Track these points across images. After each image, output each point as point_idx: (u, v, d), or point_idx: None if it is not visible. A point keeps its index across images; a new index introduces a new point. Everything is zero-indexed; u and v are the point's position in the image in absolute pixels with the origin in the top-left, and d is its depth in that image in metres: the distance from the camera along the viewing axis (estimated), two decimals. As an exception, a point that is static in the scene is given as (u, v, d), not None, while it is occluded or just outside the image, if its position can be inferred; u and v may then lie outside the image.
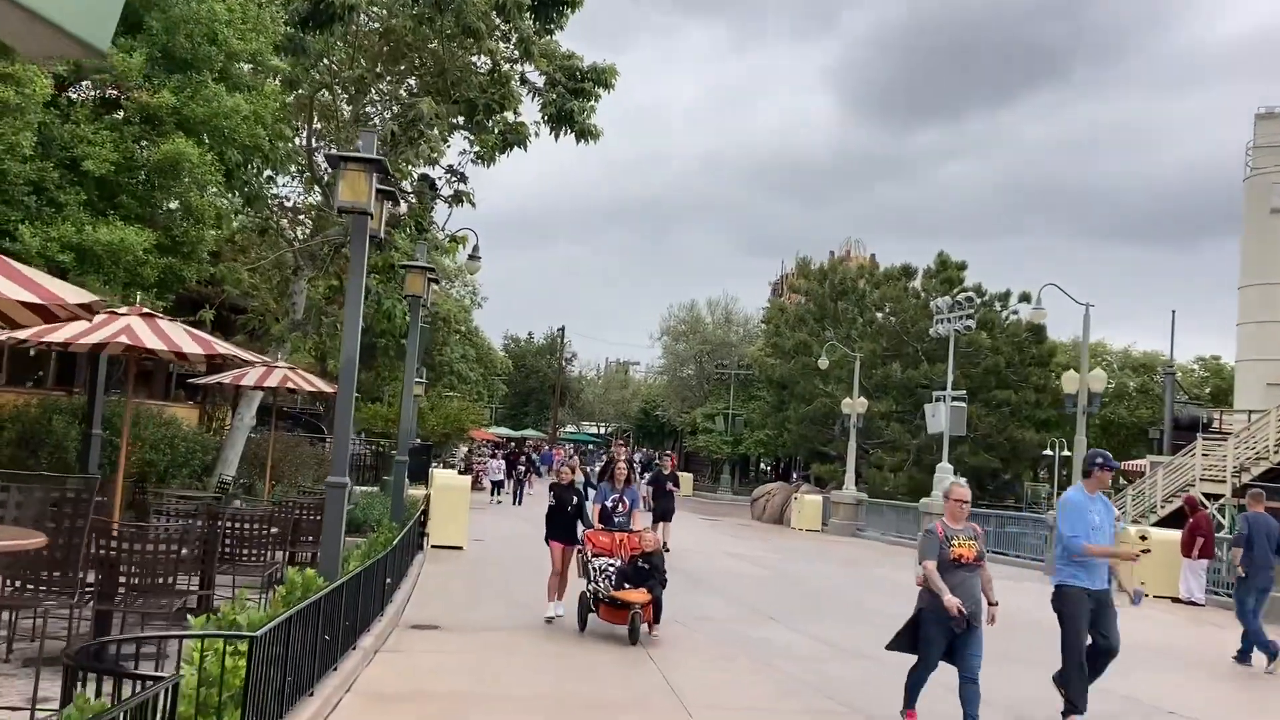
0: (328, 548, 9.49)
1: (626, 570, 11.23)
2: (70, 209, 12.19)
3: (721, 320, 62.91)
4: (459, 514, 18.46)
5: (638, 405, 78.68)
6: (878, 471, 38.04)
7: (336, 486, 9.52)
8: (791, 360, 42.22)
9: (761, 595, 15.71)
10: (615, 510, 12.10)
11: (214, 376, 14.88)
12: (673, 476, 20.27)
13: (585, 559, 11.50)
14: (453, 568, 16.29)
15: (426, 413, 34.18)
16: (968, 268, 41.97)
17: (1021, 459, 41.96)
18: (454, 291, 45.40)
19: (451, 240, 18.76)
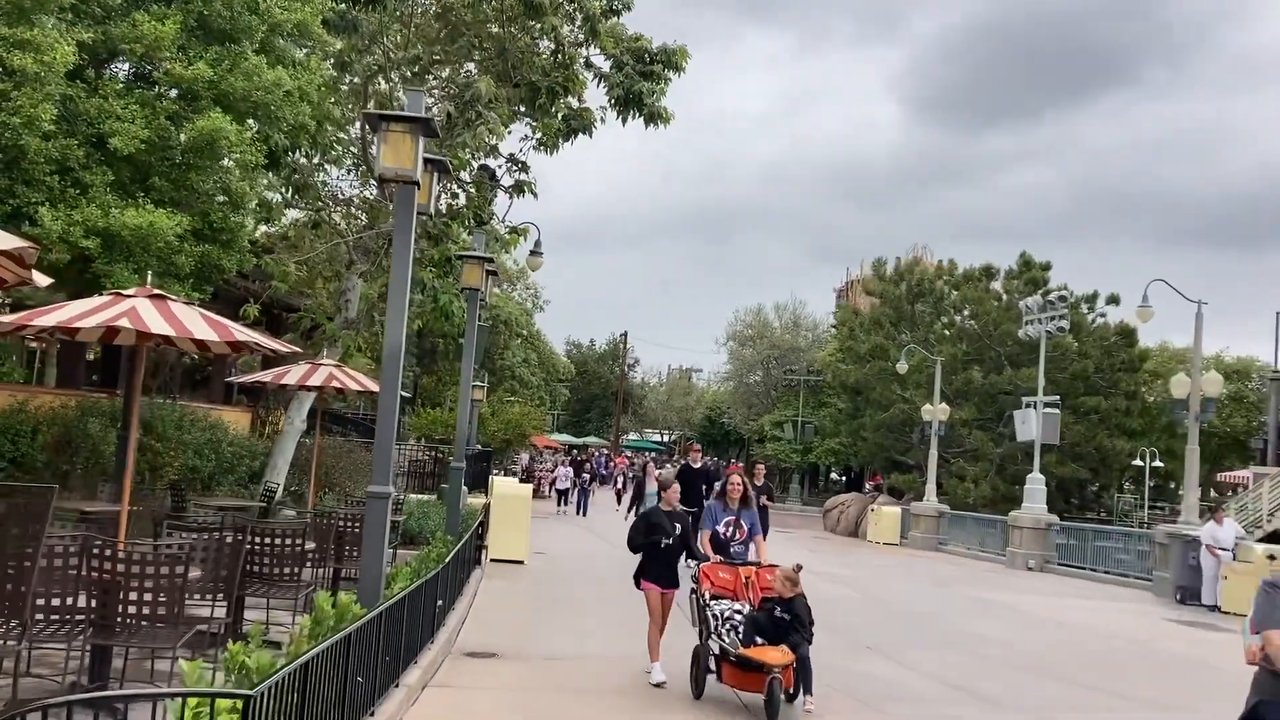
0: (368, 568, 8.22)
1: (759, 619, 8.43)
2: (96, 191, 11.12)
3: (790, 325, 61.17)
4: (520, 525, 17.20)
5: (702, 412, 77.14)
6: (959, 482, 36.13)
7: (378, 497, 8.26)
8: (866, 365, 40.42)
9: (854, 620, 14.19)
10: (731, 538, 9.58)
11: (252, 375, 13.80)
12: (767, 489, 17.93)
13: (700, 602, 8.86)
14: (513, 585, 15.02)
15: (487, 418, 33.04)
16: (1052, 268, 39.89)
17: (1111, 469, 39.72)
18: (515, 295, 44.41)
19: (513, 232, 17.51)
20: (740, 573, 8.96)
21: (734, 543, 9.58)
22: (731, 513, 9.74)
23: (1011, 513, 28.31)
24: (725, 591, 8.85)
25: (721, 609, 8.67)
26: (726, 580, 8.92)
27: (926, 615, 15.81)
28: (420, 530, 16.26)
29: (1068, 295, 27.31)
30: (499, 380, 38.48)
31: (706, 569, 8.95)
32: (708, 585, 8.86)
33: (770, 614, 8.40)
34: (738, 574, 8.95)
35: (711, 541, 9.50)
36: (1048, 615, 16.95)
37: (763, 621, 8.39)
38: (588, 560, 19.05)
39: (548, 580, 15.79)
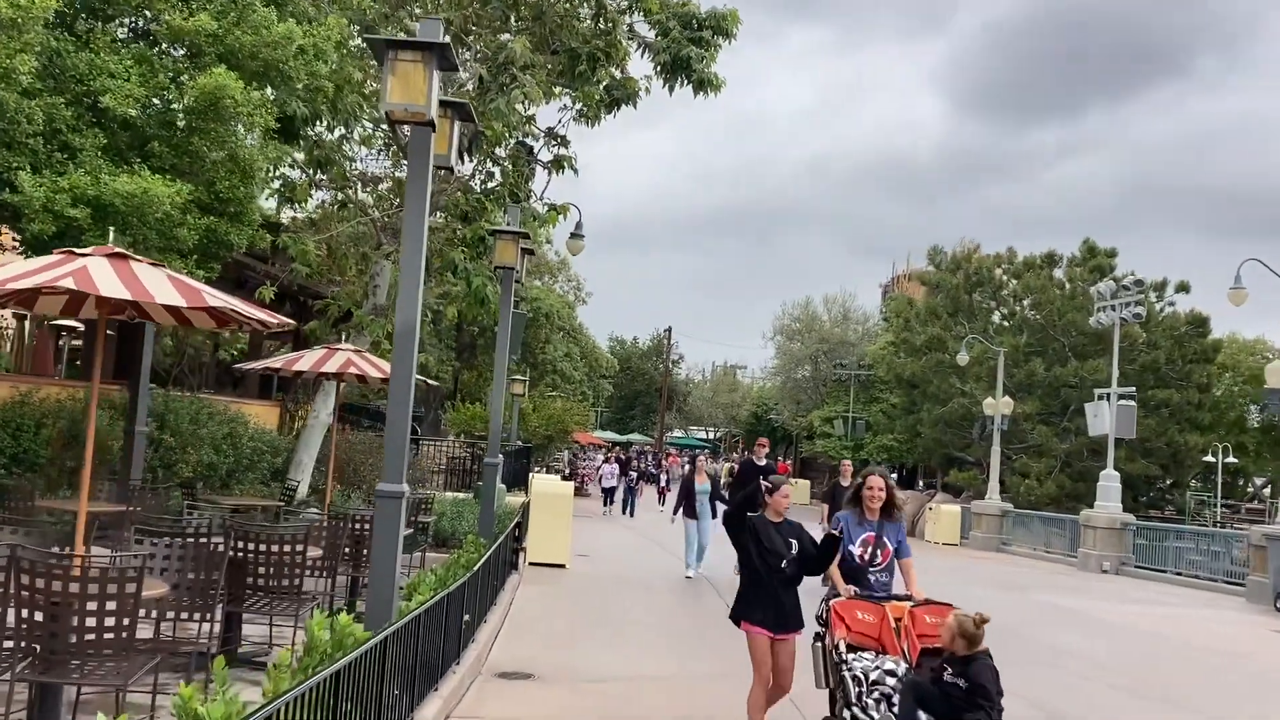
0: (377, 582, 6.97)
1: (923, 687, 5.88)
2: (87, 155, 9.98)
3: (839, 318, 59.38)
4: (561, 526, 15.94)
5: (748, 409, 75.58)
6: (1022, 479, 34.37)
7: (390, 497, 7.01)
8: (923, 357, 38.72)
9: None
10: (871, 562, 6.88)
11: (263, 362, 12.64)
12: None
13: (834, 657, 6.32)
14: (553, 592, 13.75)
15: (528, 413, 31.87)
16: (1118, 255, 37.97)
17: (1183, 465, 37.70)
18: (558, 287, 43.27)
19: (552, 209, 16.22)
20: (888, 612, 6.42)
21: (874, 569, 6.89)
22: (870, 526, 6.98)
23: (1084, 512, 26.63)
24: (867, 640, 6.36)
25: (864, 667, 6.12)
26: (868, 624, 6.40)
27: (1002, 626, 14.14)
28: (453, 532, 15.07)
29: (1143, 280, 25.56)
30: (540, 375, 37.29)
31: (840, 607, 6.45)
32: (842, 631, 6.35)
33: (938, 679, 5.84)
34: (884, 615, 6.41)
35: (842, 567, 6.89)
36: (1135, 624, 15.40)
37: (928, 690, 5.84)
38: (635, 564, 17.75)
39: (591, 587, 14.51)
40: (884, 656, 6.20)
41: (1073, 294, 36.63)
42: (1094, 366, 34.32)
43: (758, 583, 6.82)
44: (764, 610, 6.77)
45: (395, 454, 7.14)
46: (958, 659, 5.79)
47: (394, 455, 7.14)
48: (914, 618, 6.37)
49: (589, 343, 43.81)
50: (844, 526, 6.85)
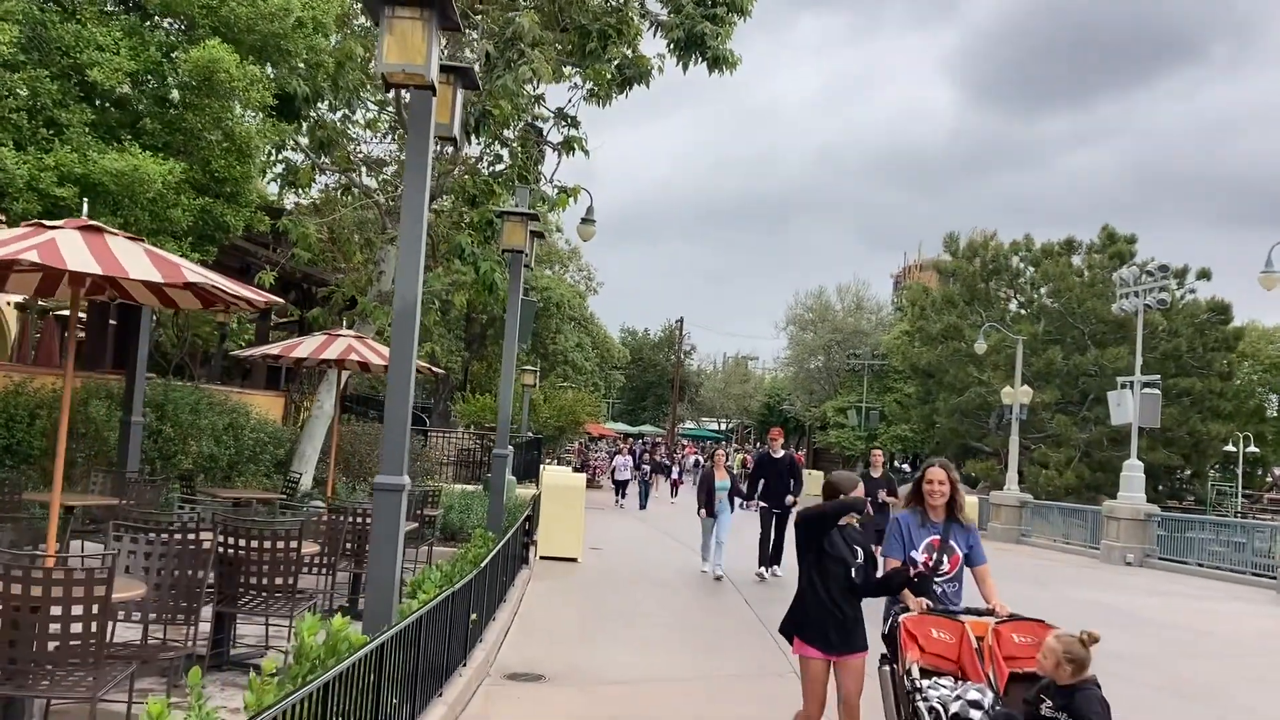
0: (376, 583, 6.49)
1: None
2: (74, 131, 9.50)
3: (852, 307, 58.76)
4: (573, 519, 15.46)
5: (760, 399, 75.03)
6: (1040, 469, 33.79)
7: (388, 490, 6.53)
8: (939, 346, 38.14)
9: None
10: (937, 569, 5.84)
11: (262, 349, 12.16)
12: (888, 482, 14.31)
13: (906, 684, 5.25)
14: (565, 587, 13.27)
15: (539, 404, 31.38)
16: (1138, 241, 37.32)
17: (1204, 455, 37.04)
18: (568, 277, 42.75)
19: (562, 192, 15.70)
20: (968, 630, 5.33)
21: (942, 578, 5.83)
22: (934, 529, 5.88)
23: (1107, 502, 26.03)
24: (945, 664, 5.29)
25: (942, 696, 5.01)
26: (945, 644, 5.31)
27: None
28: (462, 525, 14.61)
29: (1167, 266, 24.94)
30: (551, 366, 36.80)
31: (911, 624, 5.34)
32: (915, 653, 5.28)
33: (1034, 713, 4.84)
34: (963, 633, 5.32)
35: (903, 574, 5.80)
36: (1179, 621, 14.84)
37: None
38: (649, 558, 17.27)
39: (604, 582, 14.03)
40: (965, 684, 5.13)
41: (1092, 281, 36.02)
42: (1114, 354, 33.74)
43: (814, 593, 5.70)
44: (820, 626, 5.63)
45: (395, 444, 6.66)
46: (1060, 688, 4.81)
47: (393, 445, 6.66)
48: (1000, 636, 5.31)
49: (600, 333, 43.27)
50: (903, 529, 5.91)
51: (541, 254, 40.47)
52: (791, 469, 15.05)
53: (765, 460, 15.21)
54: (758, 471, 15.27)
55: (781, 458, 15.10)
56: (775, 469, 14.86)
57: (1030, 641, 5.25)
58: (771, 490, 14.74)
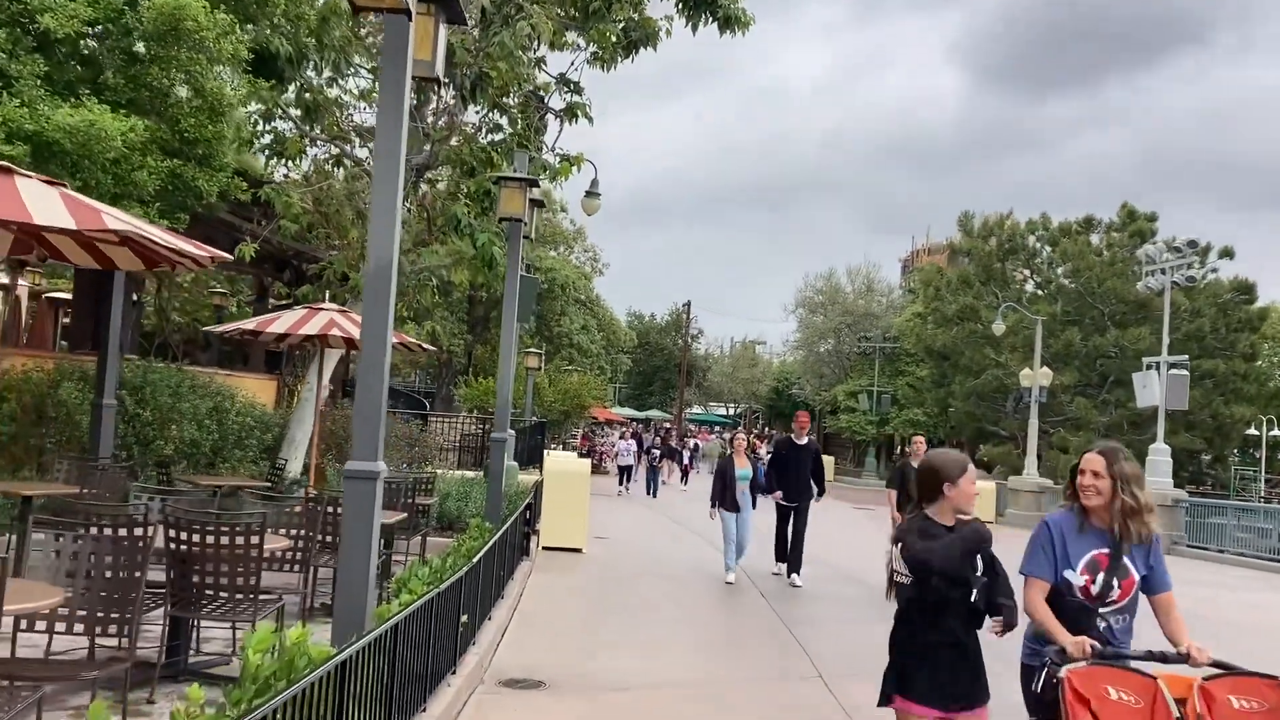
0: (347, 584, 5.65)
1: None
2: (24, 84, 8.63)
3: (863, 289, 57.71)
4: (578, 507, 14.63)
5: (769, 384, 74.10)
6: (1059, 454, 32.85)
7: (360, 477, 5.69)
8: (954, 327, 37.16)
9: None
10: (1103, 598, 4.19)
11: (237, 324, 11.31)
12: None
13: None
14: (568, 581, 12.43)
15: (543, 387, 30.53)
16: (1159, 219, 36.29)
17: (1228, 438, 36.06)
18: (574, 258, 41.86)
19: (565, 160, 14.79)
20: (1161, 689, 3.71)
21: (1107, 608, 4.21)
22: (1098, 539, 4.24)
23: (1132, 488, 25.10)
24: None
25: None
26: (1131, 710, 3.68)
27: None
28: (460, 514, 13.77)
29: (1196, 241, 23.98)
30: (556, 348, 35.97)
31: (1079, 681, 3.74)
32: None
33: None
34: (1156, 693, 3.71)
35: (1054, 605, 4.21)
36: (1235, 618, 13.95)
37: None
38: (658, 549, 16.42)
39: (610, 575, 13.19)
40: None
41: (1112, 260, 35.03)
42: (1135, 335, 32.78)
43: (916, 629, 4.27)
44: (929, 674, 4.19)
45: (368, 424, 5.80)
46: None
47: (367, 425, 5.81)
48: (1210, 698, 3.69)
49: (606, 315, 42.34)
50: (1054, 536, 4.29)
51: (546, 234, 39.56)
52: (815, 461, 13.44)
53: (787, 447, 13.56)
54: (778, 460, 13.56)
55: (805, 446, 13.46)
56: (797, 458, 13.26)
57: (1257, 707, 3.69)
58: (790, 482, 13.11)
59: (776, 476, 13.23)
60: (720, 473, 13.04)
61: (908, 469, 10.97)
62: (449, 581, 6.91)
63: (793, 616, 10.74)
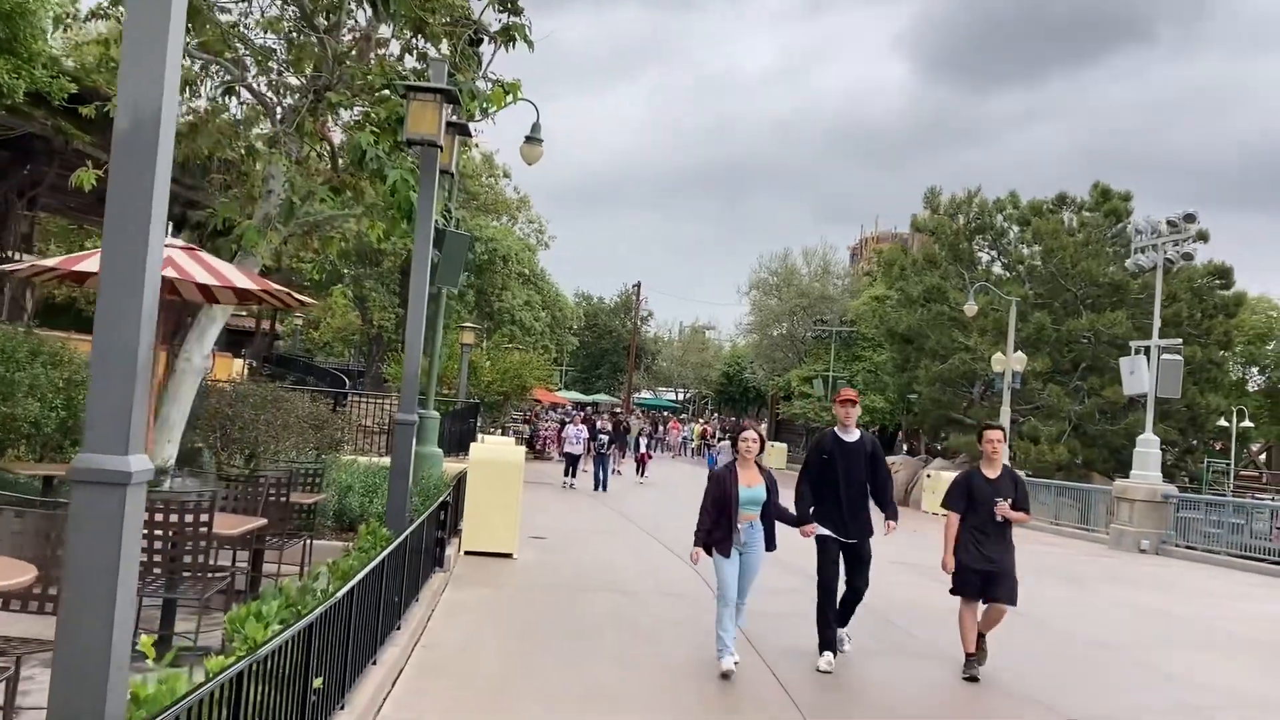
0: (67, 677, 3.26)
1: None
2: None
3: (819, 271, 55.76)
4: (508, 503, 12.24)
5: (719, 369, 72.08)
6: (1031, 444, 31.06)
7: (93, 482, 3.30)
8: (920, 309, 35.20)
9: (1009, 653, 9.16)
10: None
11: (31, 263, 8.78)
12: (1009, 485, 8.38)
13: None
14: (492, 598, 10.02)
15: (480, 366, 27.97)
16: (1133, 199, 34.62)
17: (1202, 429, 34.55)
18: (517, 229, 39.21)
19: (499, 87, 12.29)
20: None
21: None
22: None
23: (1119, 482, 23.30)
24: None
25: None
26: None
27: (1104, 644, 10.59)
28: (364, 512, 11.32)
29: (1194, 214, 22.09)
30: (496, 324, 33.45)
31: None
32: None
33: None
34: None
35: None
36: (1256, 635, 11.96)
37: None
38: (607, 554, 14.06)
39: (545, 586, 10.83)
40: None
41: (1086, 240, 33.24)
42: (1112, 319, 31.06)
43: None
44: None
45: (110, 396, 3.39)
46: None
47: (108, 398, 3.40)
48: None
49: (551, 291, 39.77)
50: None
51: (487, 203, 36.95)
52: (875, 465, 8.34)
53: (829, 447, 8.29)
54: (816, 469, 8.32)
55: (857, 443, 8.26)
56: (847, 465, 8.18)
57: None
58: (837, 504, 8.15)
59: (814, 495, 8.23)
60: (716, 495, 7.65)
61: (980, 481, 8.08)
62: (290, 630, 4.56)
63: (777, 648, 8.46)
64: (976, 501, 8.04)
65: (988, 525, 8.02)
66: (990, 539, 8.00)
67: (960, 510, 8.11)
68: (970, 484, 8.18)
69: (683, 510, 21.44)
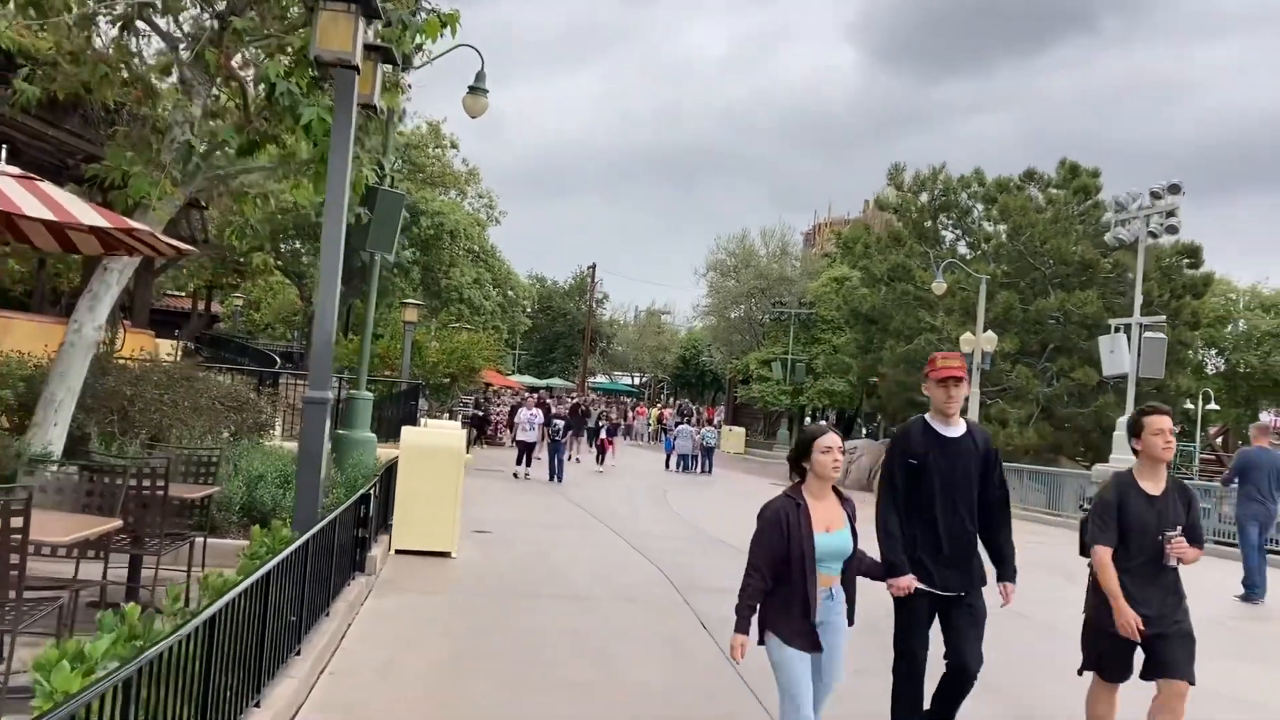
0: None
1: None
2: None
3: (777, 253, 54.54)
4: (445, 495, 10.75)
5: (676, 352, 70.78)
6: (1000, 427, 30.02)
7: None
8: (884, 288, 34.05)
9: (1013, 664, 7.86)
10: None
11: None
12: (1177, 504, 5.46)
13: None
14: (422, 607, 8.52)
15: (424, 345, 26.28)
16: (1101, 175, 33.70)
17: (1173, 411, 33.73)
18: (466, 204, 37.47)
19: (434, 16, 10.71)
20: None
21: None
22: None
23: (1098, 467, 22.30)
24: None
25: None
26: None
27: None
28: (276, 507, 9.79)
29: (1179, 185, 21.02)
30: (443, 303, 31.79)
31: None
32: None
33: None
34: None
35: None
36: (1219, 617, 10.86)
37: None
38: (557, 552, 12.59)
39: (485, 591, 9.38)
40: None
41: (1055, 217, 32.24)
42: (1081, 298, 30.11)
43: None
44: None
45: None
46: None
47: None
48: None
49: (502, 269, 38.04)
50: None
51: (434, 175, 35.19)
52: (987, 473, 5.43)
53: (921, 449, 5.36)
54: (906, 482, 5.36)
55: (964, 439, 5.41)
56: (951, 473, 5.33)
57: None
58: (936, 534, 5.29)
59: (905, 523, 5.33)
60: (780, 547, 4.52)
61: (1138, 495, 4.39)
62: (102, 686, 3.12)
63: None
64: (1133, 530, 5.12)
65: (1148, 566, 5.12)
66: (1151, 584, 5.12)
67: (1113, 545, 5.13)
68: (1125, 503, 5.19)
69: (642, 500, 20.15)
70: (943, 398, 5.32)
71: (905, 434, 5.48)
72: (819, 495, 4.59)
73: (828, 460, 4.54)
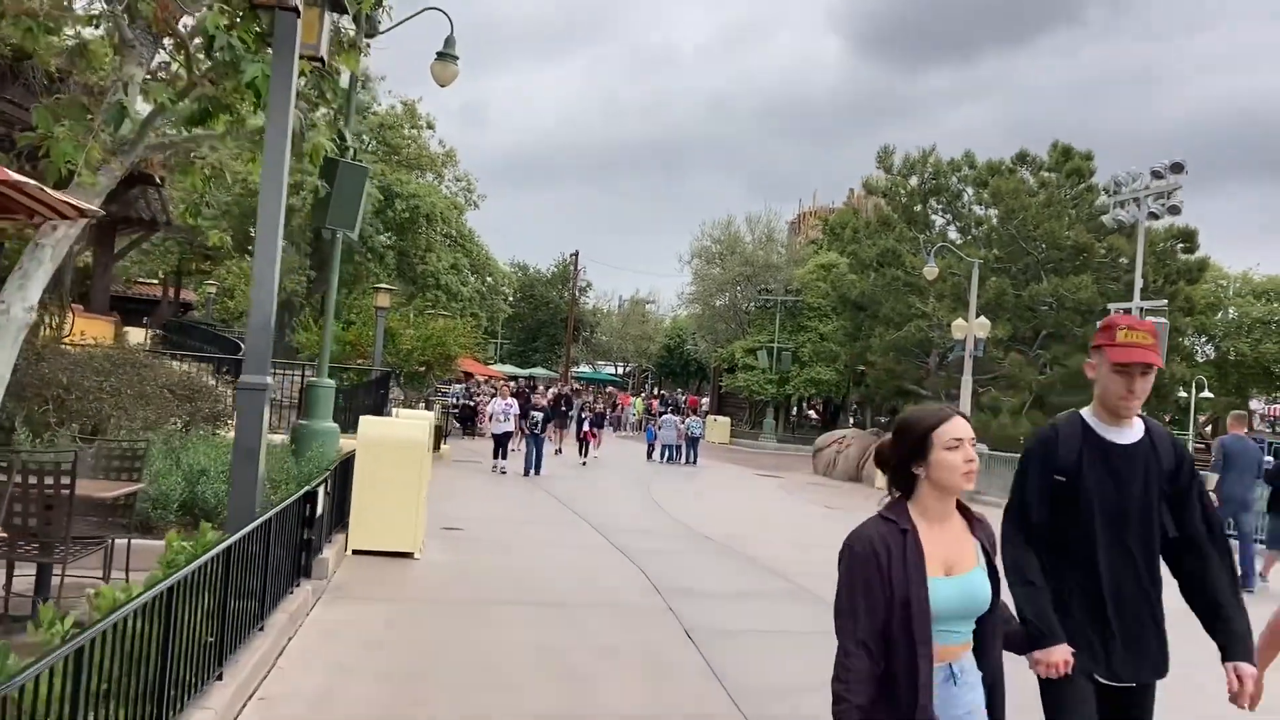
0: None
1: None
2: None
3: (763, 239, 53.62)
4: (408, 491, 9.86)
5: (660, 342, 69.85)
6: (991, 416, 29.33)
7: None
8: (873, 274, 33.27)
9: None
10: None
11: None
12: None
13: None
14: (376, 618, 7.64)
15: (399, 333, 25.33)
16: (1095, 158, 33.02)
17: (1165, 399, 33.19)
18: (443, 187, 36.41)
19: (390, -31, 9.82)
20: None
21: None
22: None
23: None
24: None
25: None
26: None
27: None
28: (219, 504, 8.90)
29: (1182, 164, 20.29)
30: (420, 289, 30.83)
31: None
32: None
33: None
34: None
35: None
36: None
37: None
38: (532, 551, 11.72)
39: (447, 599, 8.51)
40: None
41: (1048, 201, 31.53)
42: (1077, 283, 29.41)
43: None
44: None
45: None
46: None
47: None
48: None
49: (481, 254, 37.00)
50: None
51: (411, 156, 34.17)
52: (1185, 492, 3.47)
53: (1074, 457, 3.47)
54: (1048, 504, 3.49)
55: (1137, 450, 3.45)
56: (1121, 492, 3.44)
57: None
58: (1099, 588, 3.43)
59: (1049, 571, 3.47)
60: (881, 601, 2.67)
61: None
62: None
63: (749, 685, 6.27)
64: None
65: None
66: None
67: None
68: None
69: (625, 493, 19.28)
70: (1120, 390, 3.41)
71: (1050, 435, 3.58)
72: (937, 517, 2.80)
73: (957, 461, 2.74)
